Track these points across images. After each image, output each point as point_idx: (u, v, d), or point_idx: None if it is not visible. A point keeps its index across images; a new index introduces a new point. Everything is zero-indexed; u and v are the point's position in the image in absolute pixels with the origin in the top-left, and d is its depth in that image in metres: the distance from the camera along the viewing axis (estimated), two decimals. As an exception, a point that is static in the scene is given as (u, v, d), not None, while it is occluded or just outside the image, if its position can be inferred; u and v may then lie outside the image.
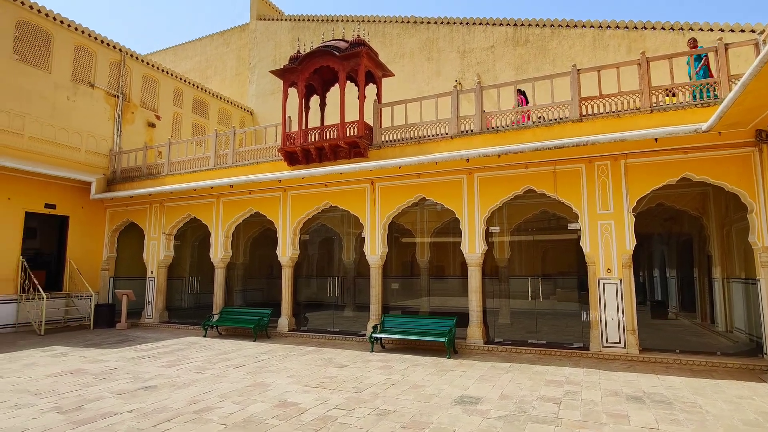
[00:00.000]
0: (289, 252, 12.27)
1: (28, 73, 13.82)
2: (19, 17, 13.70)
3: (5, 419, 5.49)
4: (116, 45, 16.50)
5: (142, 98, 17.50)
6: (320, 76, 12.86)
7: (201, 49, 25.02)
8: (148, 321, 14.16)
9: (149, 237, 14.54)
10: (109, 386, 6.98)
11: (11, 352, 9.74)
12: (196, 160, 14.12)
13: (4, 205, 12.74)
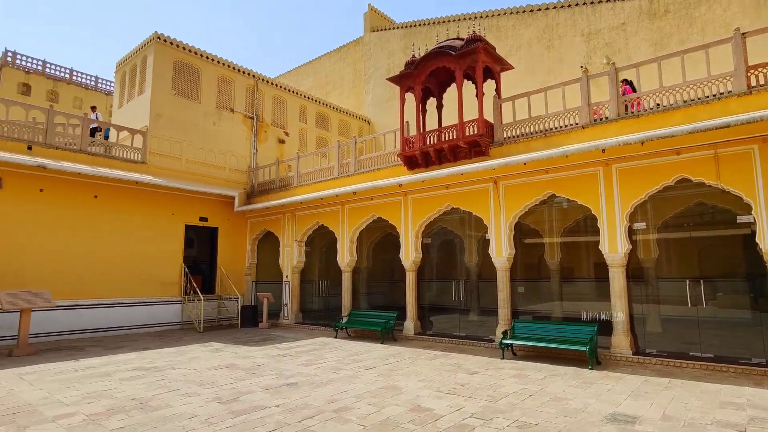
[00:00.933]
0: (411, 255, 12.33)
1: (183, 106, 16.00)
2: (176, 58, 15.97)
3: (179, 405, 6.24)
4: (250, 72, 18.34)
5: (273, 117, 19.18)
6: (436, 78, 12.77)
7: (320, 67, 26.71)
8: (285, 321, 15.34)
9: (283, 244, 15.79)
10: (257, 381, 7.60)
11: (179, 346, 11.23)
12: (322, 170, 14.98)
13: (169, 220, 14.85)
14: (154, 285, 14.25)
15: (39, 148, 12.32)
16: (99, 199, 13.24)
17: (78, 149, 13.11)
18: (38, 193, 12.14)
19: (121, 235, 13.61)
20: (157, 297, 14.31)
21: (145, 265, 14.03)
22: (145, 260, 14.05)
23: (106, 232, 13.30)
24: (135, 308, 13.75)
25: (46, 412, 5.96)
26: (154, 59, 15.49)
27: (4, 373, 8.28)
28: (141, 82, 16.12)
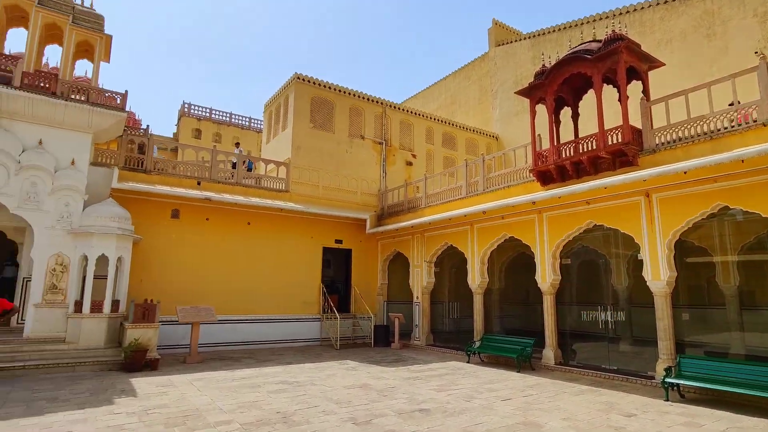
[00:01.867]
0: (549, 278, 11.40)
1: (320, 137, 17.35)
2: (313, 95, 17.48)
3: (317, 423, 6.49)
4: (378, 99, 19.19)
5: (401, 141, 19.73)
6: (569, 85, 11.85)
7: (444, 88, 26.89)
8: (416, 342, 15.32)
9: (413, 265, 15.91)
10: (390, 404, 7.58)
11: (318, 362, 11.87)
12: (450, 190, 14.85)
13: (308, 243, 16.04)
14: (297, 303, 15.42)
15: (205, 183, 14.34)
16: (251, 225, 14.89)
17: (235, 182, 14.97)
18: (205, 222, 14.10)
19: (269, 256, 15.08)
20: (299, 314, 15.45)
21: (289, 284, 15.29)
22: (289, 280, 15.32)
23: (257, 255, 14.86)
24: (281, 324, 15.01)
25: (209, 418, 6.66)
26: (294, 97, 17.15)
27: (180, 378, 9.58)
28: (284, 119, 17.92)
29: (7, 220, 11.17)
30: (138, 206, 12.64)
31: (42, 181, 10.85)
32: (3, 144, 10.48)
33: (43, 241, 10.77)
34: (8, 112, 10.74)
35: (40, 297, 10.65)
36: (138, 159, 13.56)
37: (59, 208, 11.01)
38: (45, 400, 7.51)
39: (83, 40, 12.39)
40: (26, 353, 9.91)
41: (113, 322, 11.07)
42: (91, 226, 10.99)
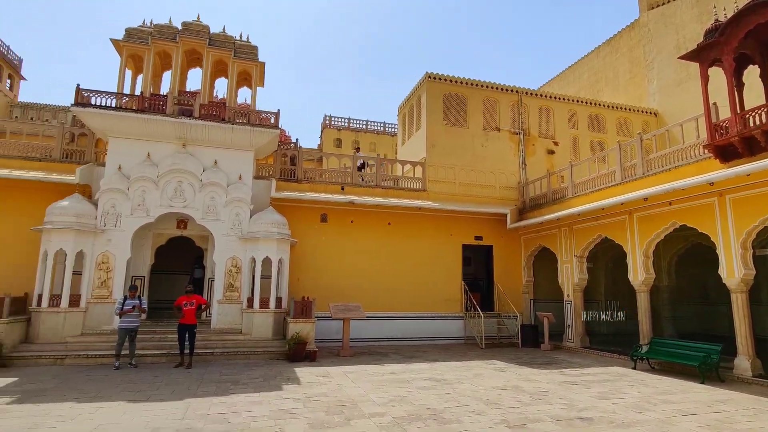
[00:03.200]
0: (738, 272, 9.50)
1: (454, 133, 17.18)
2: (445, 91, 17.40)
3: (468, 422, 6.34)
4: (512, 88, 18.29)
5: (540, 129, 18.51)
6: (755, 39, 9.77)
7: (587, 66, 24.49)
8: (569, 344, 14.15)
9: (561, 260, 14.75)
10: (545, 409, 7.06)
11: (464, 361, 11.70)
12: (600, 177, 13.41)
13: (447, 241, 15.97)
14: (439, 301, 15.46)
15: (348, 188, 15.25)
16: (392, 225, 15.38)
17: (374, 185, 15.64)
18: (349, 224, 14.99)
19: (409, 255, 15.40)
20: (441, 312, 15.46)
21: (430, 282, 15.42)
22: (430, 278, 15.44)
23: (398, 253, 15.29)
24: (424, 322, 15.20)
25: (364, 409, 6.98)
26: (426, 96, 17.26)
27: (335, 369, 10.29)
28: (417, 119, 18.17)
29: (194, 229, 13.30)
30: (292, 212, 13.98)
31: (218, 195, 12.67)
32: (190, 166, 12.51)
33: (221, 246, 12.57)
34: (191, 139, 12.79)
35: (222, 294, 12.43)
36: (290, 170, 15.03)
37: (232, 217, 12.73)
38: (229, 383, 8.70)
39: (243, 70, 14.19)
40: (214, 342, 11.65)
41: (278, 316, 12.39)
42: (256, 232, 12.49)
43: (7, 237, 12.18)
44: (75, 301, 11.28)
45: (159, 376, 9.18)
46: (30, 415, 6.46)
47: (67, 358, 10.33)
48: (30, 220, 11.86)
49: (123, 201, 11.99)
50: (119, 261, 11.83)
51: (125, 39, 13.04)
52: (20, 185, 12.34)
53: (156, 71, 13.97)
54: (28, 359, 10.15)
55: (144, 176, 12.14)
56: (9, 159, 12.75)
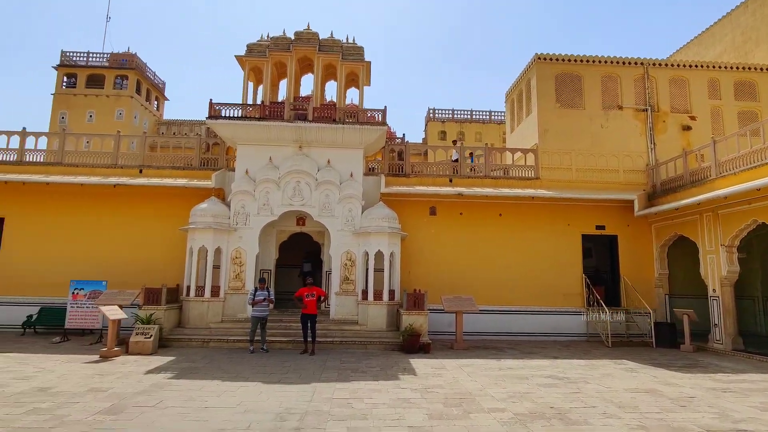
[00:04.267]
0: None
1: (568, 116, 16.03)
2: (556, 72, 16.31)
3: (599, 425, 5.86)
4: (635, 60, 16.50)
5: (671, 103, 16.47)
6: None
7: (731, 25, 21.10)
8: (717, 346, 12.40)
9: (704, 251, 12.95)
10: (692, 417, 6.26)
11: (589, 360, 10.89)
12: (754, 153, 11.48)
13: (564, 231, 14.96)
14: (556, 295, 14.57)
15: (456, 180, 15.05)
16: (503, 217, 14.84)
17: (483, 175, 15.22)
18: (458, 216, 14.79)
19: (523, 247, 14.74)
20: (560, 307, 14.55)
21: (545, 275, 14.59)
22: (545, 271, 14.61)
23: (511, 245, 14.73)
24: (540, 317, 14.44)
25: (483, 403, 6.85)
26: (536, 79, 16.32)
27: (450, 362, 10.26)
28: (527, 104, 17.27)
29: (312, 226, 14.18)
30: (402, 206, 14.19)
31: (332, 192, 13.35)
32: (307, 167, 13.37)
33: (336, 241, 13.24)
34: (306, 141, 13.64)
35: (338, 286, 13.10)
36: (398, 165, 15.27)
37: (344, 213, 13.33)
38: (349, 370, 9.14)
39: (350, 71, 14.74)
40: (333, 331, 12.33)
41: (391, 308, 12.71)
42: (368, 227, 12.92)
43: (159, 236, 14.17)
44: (215, 291, 12.74)
45: (287, 361, 9.97)
46: (187, 389, 7.44)
47: (211, 341, 11.71)
48: (178, 221, 13.65)
49: (251, 202, 13.23)
50: (249, 256, 13.08)
51: (247, 54, 14.33)
52: (168, 191, 14.29)
53: (273, 81, 15.13)
54: (182, 341, 11.72)
55: (267, 178, 13.26)
56: (160, 169, 14.81)
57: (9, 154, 15.09)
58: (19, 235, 14.38)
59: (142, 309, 11.66)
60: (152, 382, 7.85)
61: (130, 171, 14.73)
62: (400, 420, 5.99)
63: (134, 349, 10.58)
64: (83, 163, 14.88)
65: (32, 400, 6.65)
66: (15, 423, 5.62)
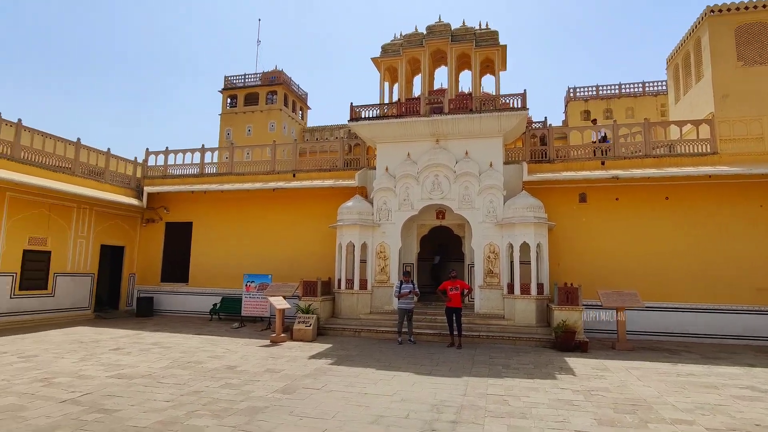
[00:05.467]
0: None
1: (755, 75, 13.37)
2: (737, 24, 13.66)
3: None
4: None
5: None
6: None
7: None
8: None
9: None
10: None
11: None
12: None
13: (756, 214, 12.44)
14: (746, 290, 12.22)
15: (609, 162, 13.55)
16: (669, 200, 12.94)
17: (642, 155, 13.45)
18: (614, 202, 13.30)
19: (694, 233, 12.66)
20: (752, 305, 12.16)
21: (728, 266, 12.33)
22: (728, 261, 12.35)
23: (678, 233, 12.76)
24: (723, 316, 12.26)
25: (662, 413, 6.00)
26: (709, 36, 13.85)
27: (613, 363, 9.27)
28: (697, 68, 14.77)
29: (452, 219, 14.07)
30: (547, 195, 13.28)
31: (471, 184, 13.07)
32: (444, 160, 13.31)
33: (477, 233, 12.93)
34: (443, 134, 13.56)
35: (482, 280, 12.78)
36: (541, 151, 14.32)
37: (485, 204, 12.94)
38: (500, 366, 8.83)
39: (485, 57, 14.24)
40: (478, 325, 12.08)
41: (540, 303, 11.98)
42: (511, 218, 12.35)
43: (312, 233, 15.47)
44: (363, 284, 13.43)
45: (435, 354, 10.04)
46: (346, 375, 7.93)
47: (362, 331, 12.37)
48: (327, 219, 14.73)
49: (392, 198, 13.64)
50: (393, 250, 13.50)
51: (381, 55, 14.78)
52: (317, 192, 15.51)
53: (408, 77, 15.35)
54: (336, 330, 12.61)
55: (406, 174, 13.52)
56: (309, 172, 16.13)
57: (192, 168, 17.92)
58: (203, 237, 16.99)
59: (301, 300, 12.84)
60: (316, 367, 8.55)
61: (285, 176, 16.34)
62: (565, 423, 5.56)
63: (297, 336, 11.69)
64: (247, 172, 16.95)
65: (224, 376, 7.74)
66: (213, 395, 6.58)
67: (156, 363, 8.62)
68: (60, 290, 14.56)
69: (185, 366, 8.43)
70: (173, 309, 16.72)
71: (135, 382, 7.22)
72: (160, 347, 10.29)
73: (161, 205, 17.51)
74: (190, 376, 7.64)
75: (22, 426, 5.17)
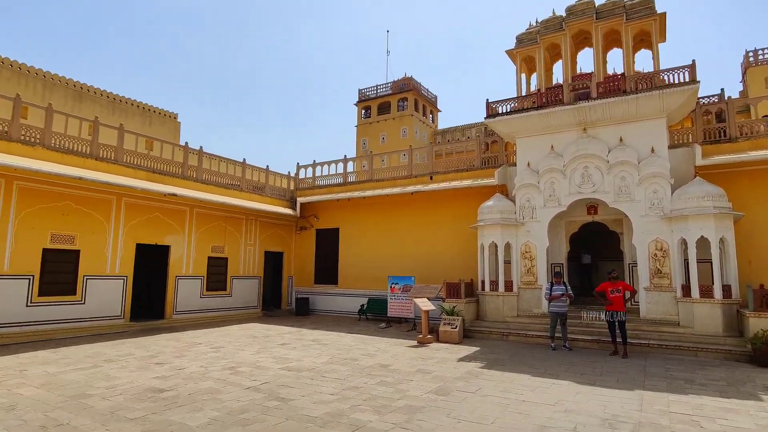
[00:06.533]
0: None
1: None
2: None
3: None
4: None
5: None
6: None
7: None
8: None
9: None
10: None
11: None
12: None
13: None
14: None
15: (817, 134, 10.91)
16: None
17: None
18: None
19: None
20: None
21: None
22: None
23: None
24: None
25: None
26: None
27: (842, 386, 7.37)
28: None
29: (606, 213, 12.73)
30: (729, 180, 11.25)
31: (629, 174, 11.66)
32: (594, 150, 12.12)
33: (639, 229, 11.47)
34: (590, 122, 12.37)
35: (648, 281, 11.28)
36: (717, 129, 12.18)
37: (648, 195, 11.43)
38: (681, 380, 7.63)
39: (638, 31, 12.62)
40: (647, 332, 10.66)
41: (727, 308, 10.12)
42: (683, 209, 10.70)
43: (450, 234, 15.39)
44: (508, 286, 12.88)
45: (596, 362, 9.12)
46: (499, 380, 7.63)
47: (510, 335, 11.85)
48: (465, 220, 14.52)
49: (535, 194, 12.86)
50: (539, 250, 12.70)
51: (517, 46, 14.10)
52: (454, 193, 15.39)
53: (546, 65, 14.37)
54: (482, 333, 12.29)
55: (551, 168, 12.63)
56: (446, 174, 16.09)
57: (337, 178, 19.24)
58: (348, 241, 18.10)
59: (445, 302, 12.81)
60: (466, 370, 8.39)
61: (422, 179, 16.56)
62: (787, 456, 4.52)
63: (443, 338, 11.67)
64: (386, 177, 17.60)
65: (379, 373, 8.04)
66: (372, 391, 6.86)
67: (318, 358, 9.35)
68: (235, 291, 16.79)
69: (343, 362, 8.98)
70: (326, 309, 18.09)
71: (302, 375, 7.90)
72: (319, 344, 11.16)
73: (311, 213, 19.14)
74: (349, 372, 8.09)
75: (220, 407, 5.99)
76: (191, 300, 15.21)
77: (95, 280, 12.58)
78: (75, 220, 12.24)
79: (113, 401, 6.17)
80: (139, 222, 13.76)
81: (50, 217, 11.74)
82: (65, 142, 12.55)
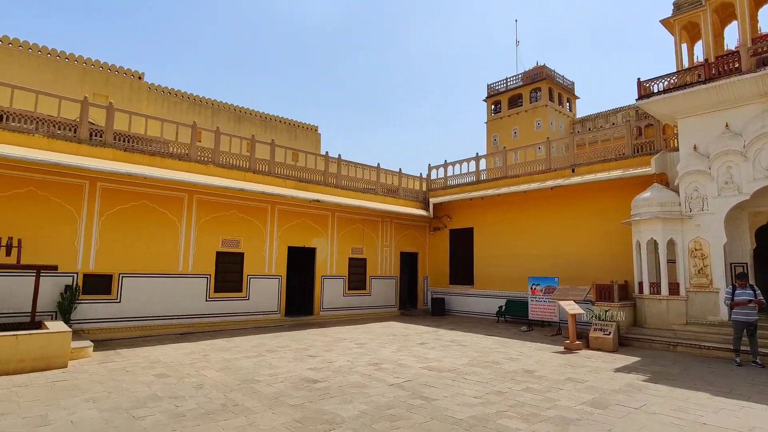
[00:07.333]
0: None
1: None
2: None
3: None
4: None
5: None
6: None
7: None
8: None
9: None
10: None
11: None
12: None
13: None
14: None
15: None
16: None
17: None
18: None
19: None
20: None
21: None
22: None
23: None
24: None
25: None
26: None
27: None
28: None
29: (808, 201, 10.33)
30: None
31: (841, 149, 9.28)
32: (786, 123, 9.94)
33: None
34: (781, 90, 10.14)
35: None
36: None
37: None
38: None
39: None
40: None
41: None
42: None
43: (597, 230, 13.99)
44: (674, 289, 11.21)
45: (802, 384, 7.41)
46: (669, 396, 6.63)
47: (679, 345, 10.28)
48: (614, 214, 13.08)
49: (706, 182, 10.99)
50: (713, 247, 10.81)
51: (675, 13, 12.27)
52: (599, 185, 13.95)
53: (715, 30, 12.22)
54: (641, 341, 10.89)
55: (726, 149, 10.67)
56: (591, 165, 14.67)
57: (469, 177, 18.90)
58: (483, 241, 17.63)
59: (595, 305, 11.68)
60: (626, 382, 7.49)
61: (562, 172, 15.36)
62: None
63: (594, 345, 10.62)
64: (521, 173, 16.72)
65: (524, 379, 7.60)
66: (517, 398, 6.50)
67: (458, 360, 9.22)
68: (374, 290, 17.53)
69: (484, 365, 8.71)
70: (461, 309, 17.86)
71: (443, 375, 7.85)
72: (457, 345, 11.02)
73: (444, 213, 19.10)
74: (491, 376, 7.81)
75: (368, 401, 6.24)
76: (335, 298, 16.29)
77: (256, 279, 14.22)
78: (239, 227, 14.00)
79: (276, 388, 6.85)
80: (289, 227, 15.20)
81: (221, 224, 13.61)
82: (229, 159, 14.45)
